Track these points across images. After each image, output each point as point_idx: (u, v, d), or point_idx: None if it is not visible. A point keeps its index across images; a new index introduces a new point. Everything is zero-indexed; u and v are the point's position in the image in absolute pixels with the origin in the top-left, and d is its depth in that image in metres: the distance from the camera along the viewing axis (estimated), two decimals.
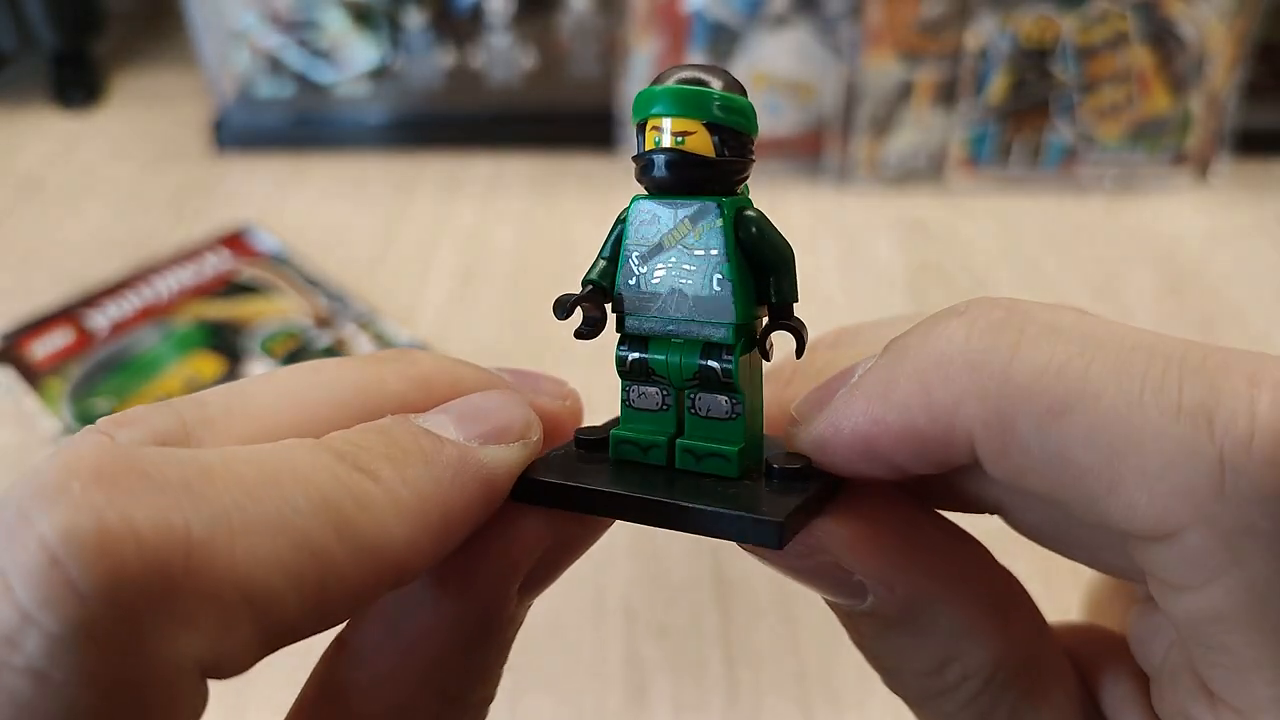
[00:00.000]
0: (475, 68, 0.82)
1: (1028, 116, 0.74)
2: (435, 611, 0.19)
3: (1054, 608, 0.22)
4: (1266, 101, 0.77)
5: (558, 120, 0.81)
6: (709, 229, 0.19)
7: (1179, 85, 0.73)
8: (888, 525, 0.19)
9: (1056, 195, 0.75)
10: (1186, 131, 0.74)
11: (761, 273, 0.19)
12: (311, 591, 0.15)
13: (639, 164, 0.19)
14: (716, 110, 0.18)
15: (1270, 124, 0.78)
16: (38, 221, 0.74)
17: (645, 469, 0.20)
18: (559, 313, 0.20)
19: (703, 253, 0.19)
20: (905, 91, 0.73)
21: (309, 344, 0.60)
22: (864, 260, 0.68)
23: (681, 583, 0.45)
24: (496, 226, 0.72)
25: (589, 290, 0.20)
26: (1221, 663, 0.16)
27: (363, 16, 0.80)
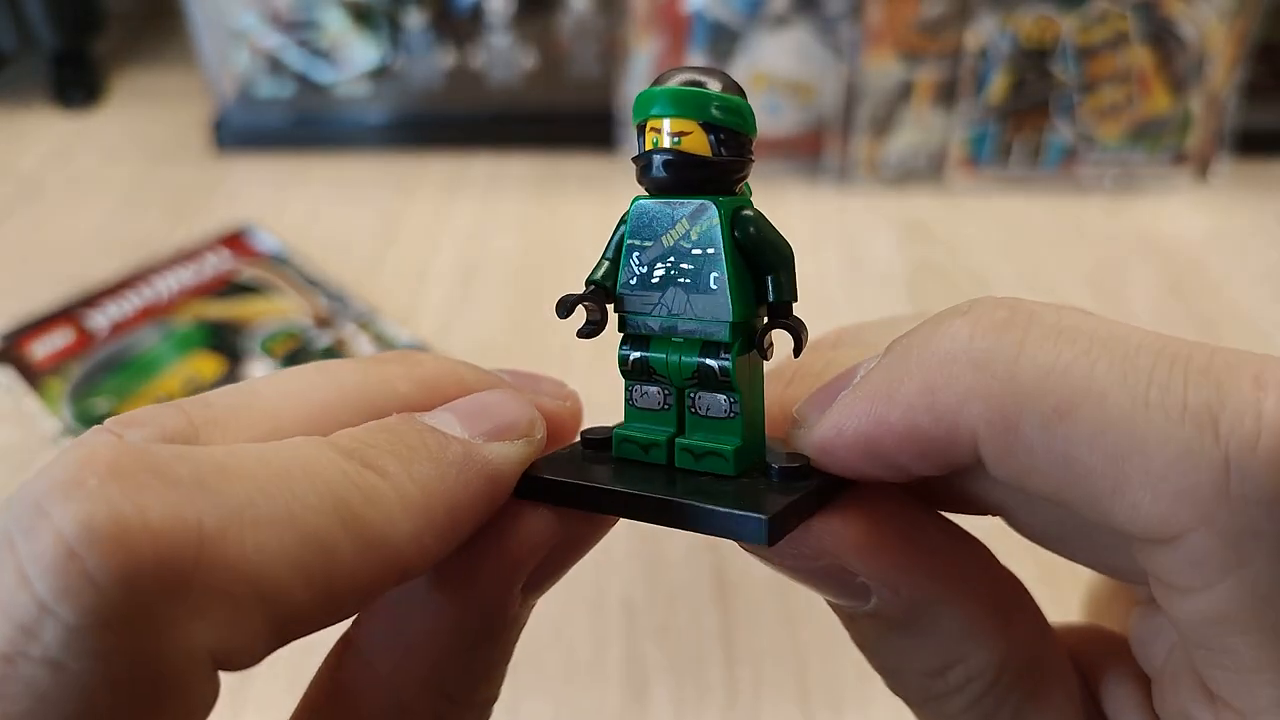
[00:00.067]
0: (475, 68, 0.82)
1: (1028, 116, 0.74)
2: (439, 611, 0.19)
3: (1055, 609, 0.22)
4: (1266, 101, 0.77)
5: (558, 120, 0.81)
6: (706, 228, 0.19)
7: (1179, 85, 0.73)
8: (892, 527, 0.18)
9: (1056, 195, 0.75)
10: (1186, 131, 0.74)
11: (760, 272, 0.19)
12: (320, 585, 0.15)
13: (639, 165, 0.19)
14: (713, 111, 0.19)
15: (1270, 124, 0.78)
16: (38, 221, 0.74)
17: (646, 467, 0.20)
18: (560, 312, 0.20)
19: (700, 252, 0.19)
20: (905, 91, 0.73)
21: (309, 344, 0.60)
22: (864, 260, 0.68)
23: (681, 583, 0.45)
24: (496, 226, 0.72)
25: (591, 290, 0.20)
26: (1224, 665, 0.16)
27: (363, 16, 0.80)
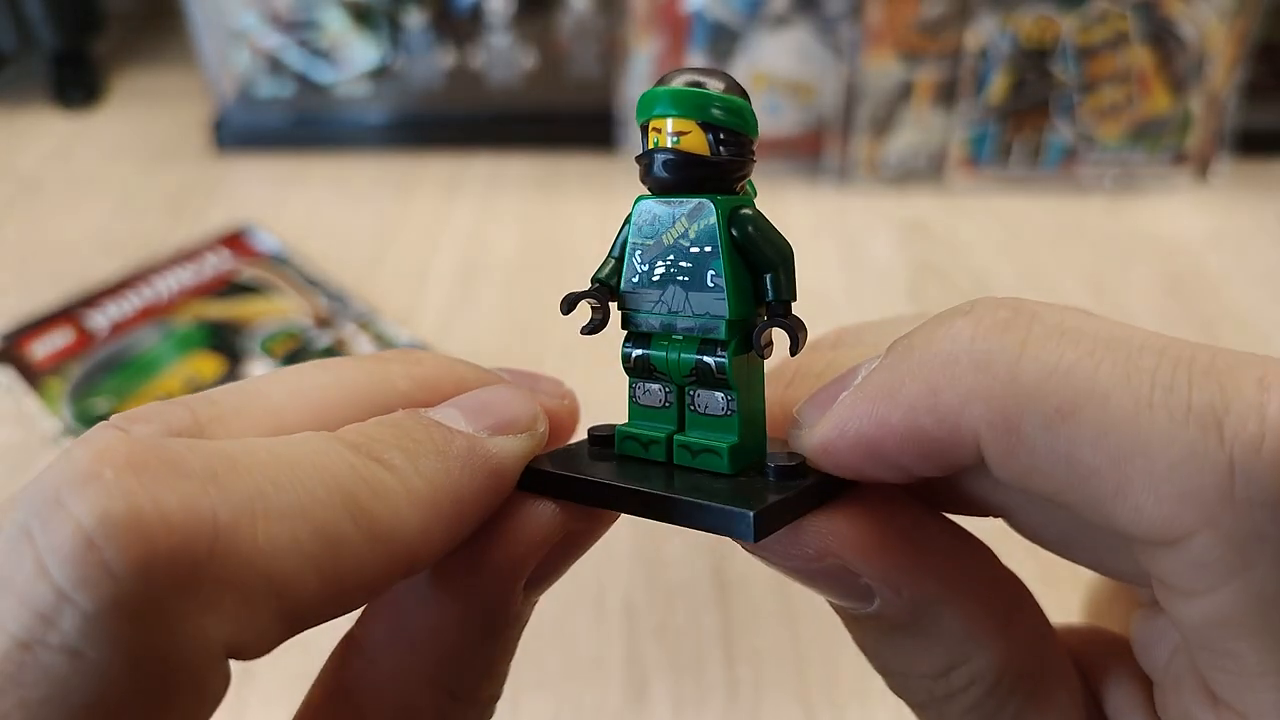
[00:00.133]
0: (475, 68, 0.82)
1: (1028, 116, 0.74)
2: (442, 609, 0.19)
3: (1056, 610, 0.22)
4: (1266, 101, 0.77)
5: (558, 120, 0.81)
6: (704, 226, 0.19)
7: (1179, 85, 0.73)
8: (894, 528, 0.18)
9: (1056, 195, 0.75)
10: (1186, 131, 0.74)
11: (758, 271, 0.19)
12: (329, 576, 0.16)
13: (641, 164, 0.20)
14: (713, 111, 0.19)
15: (1270, 124, 0.78)
16: (38, 221, 0.74)
17: (645, 464, 0.20)
18: (563, 308, 0.20)
19: (698, 250, 0.19)
20: (905, 91, 0.73)
21: (309, 344, 0.60)
22: (864, 260, 0.68)
23: (681, 583, 0.45)
24: (496, 226, 0.72)
25: (595, 287, 0.21)
26: (1227, 668, 0.16)
27: (363, 16, 0.80)
